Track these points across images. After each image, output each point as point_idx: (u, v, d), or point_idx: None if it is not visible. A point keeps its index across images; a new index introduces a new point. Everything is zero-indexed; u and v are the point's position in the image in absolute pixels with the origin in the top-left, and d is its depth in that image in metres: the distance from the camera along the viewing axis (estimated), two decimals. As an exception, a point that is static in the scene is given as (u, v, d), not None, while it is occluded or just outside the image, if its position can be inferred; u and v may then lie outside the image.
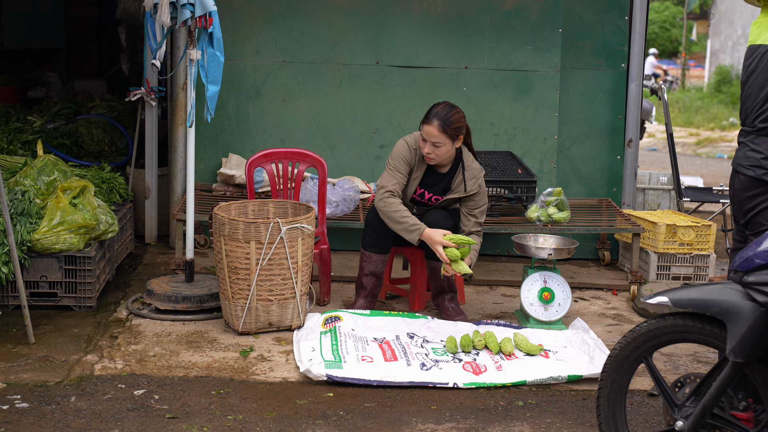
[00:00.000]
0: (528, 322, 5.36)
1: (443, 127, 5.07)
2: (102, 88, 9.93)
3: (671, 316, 3.34)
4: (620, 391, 3.49)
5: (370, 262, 5.39)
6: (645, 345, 3.40)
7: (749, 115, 3.97)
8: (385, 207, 5.16)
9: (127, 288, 5.85)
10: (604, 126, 6.97)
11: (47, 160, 5.71)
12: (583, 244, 6.78)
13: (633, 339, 3.41)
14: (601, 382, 3.52)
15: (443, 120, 5.08)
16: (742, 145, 4.02)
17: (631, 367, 3.45)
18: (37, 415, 4.01)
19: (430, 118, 5.11)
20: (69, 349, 4.80)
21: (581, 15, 6.87)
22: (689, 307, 3.23)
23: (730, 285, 3.20)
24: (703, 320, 3.29)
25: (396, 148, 5.26)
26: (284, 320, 5.09)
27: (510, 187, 6.18)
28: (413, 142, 5.26)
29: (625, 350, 3.43)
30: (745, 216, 3.99)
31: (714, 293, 3.20)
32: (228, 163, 6.63)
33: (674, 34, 34.50)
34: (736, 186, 4.02)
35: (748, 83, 3.97)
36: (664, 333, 3.36)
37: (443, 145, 5.11)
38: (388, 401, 4.33)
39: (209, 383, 4.44)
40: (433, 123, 5.09)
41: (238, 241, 4.90)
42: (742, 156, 3.99)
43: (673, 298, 3.26)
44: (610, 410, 3.50)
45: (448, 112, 5.11)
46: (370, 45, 6.77)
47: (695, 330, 3.30)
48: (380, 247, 5.36)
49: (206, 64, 5.23)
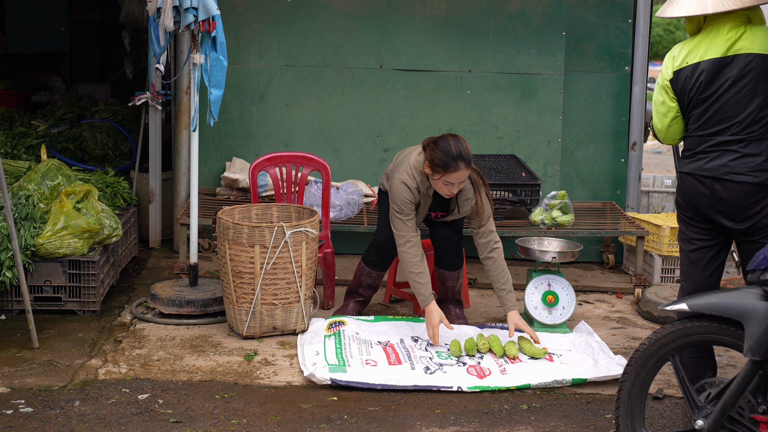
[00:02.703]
0: (532, 326, 5.35)
1: (468, 165, 4.83)
2: (106, 93, 9.94)
3: (697, 318, 3.42)
4: (642, 387, 3.55)
5: (369, 277, 5.40)
6: (674, 343, 3.47)
7: (740, 123, 3.97)
8: (404, 259, 4.98)
9: (131, 292, 5.85)
10: (608, 129, 6.96)
11: (51, 165, 5.72)
12: (587, 247, 6.77)
13: (663, 336, 3.48)
14: (624, 375, 3.57)
15: (467, 160, 4.80)
16: (727, 152, 4.00)
17: (657, 364, 3.52)
18: (41, 420, 4.01)
19: (455, 164, 4.77)
20: (73, 353, 4.80)
21: (585, 18, 6.86)
22: (707, 310, 3.32)
23: (747, 289, 3.31)
24: (728, 324, 3.36)
25: (397, 193, 4.95)
26: (288, 324, 5.08)
27: (514, 191, 6.18)
28: (412, 181, 4.95)
29: (653, 346, 3.50)
30: (746, 222, 3.98)
31: (731, 297, 3.30)
32: (232, 167, 6.64)
33: (678, 37, 34.46)
34: (724, 195, 3.99)
35: (728, 93, 3.98)
36: (694, 333, 3.43)
37: (466, 177, 4.94)
38: (392, 405, 4.33)
39: (213, 387, 4.43)
40: (461, 168, 4.78)
41: (242, 245, 4.90)
42: (735, 163, 3.98)
43: (691, 303, 3.36)
44: (630, 405, 3.55)
45: (464, 147, 4.81)
46: (374, 48, 6.77)
47: (724, 332, 3.37)
48: (382, 267, 5.38)
49: (209, 68, 5.23)
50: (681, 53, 4.09)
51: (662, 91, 4.15)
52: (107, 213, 5.62)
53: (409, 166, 5.00)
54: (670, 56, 4.14)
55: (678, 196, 4.21)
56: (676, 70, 4.07)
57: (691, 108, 4.08)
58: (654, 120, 4.22)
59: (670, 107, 4.13)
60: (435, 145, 4.84)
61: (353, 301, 5.46)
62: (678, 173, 4.21)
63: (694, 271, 4.19)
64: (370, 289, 5.45)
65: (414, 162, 5.00)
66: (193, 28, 5.16)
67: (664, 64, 4.16)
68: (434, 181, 4.90)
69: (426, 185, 5.00)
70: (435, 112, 6.81)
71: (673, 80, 4.08)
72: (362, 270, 5.39)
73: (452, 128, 6.77)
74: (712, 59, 3.99)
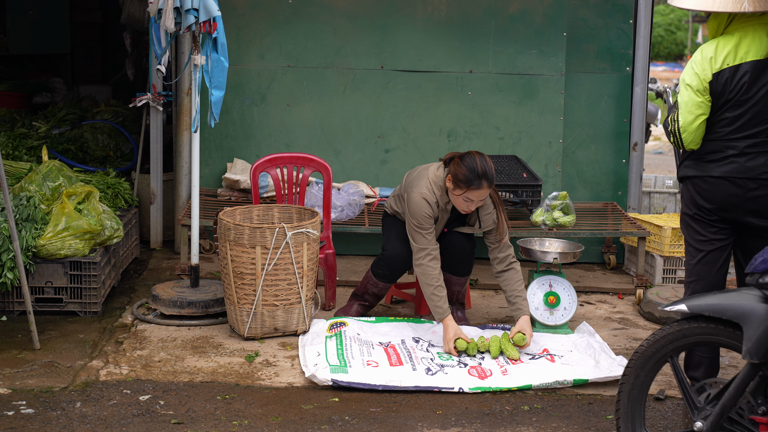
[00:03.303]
0: (534, 327, 5.34)
1: (491, 184, 4.82)
2: (107, 94, 9.94)
3: (695, 319, 3.43)
4: (642, 389, 3.55)
5: (376, 287, 5.40)
6: (673, 344, 3.48)
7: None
8: (424, 272, 4.95)
9: (132, 293, 5.85)
10: (609, 129, 6.96)
11: (52, 166, 5.72)
12: (588, 247, 6.77)
13: (662, 337, 3.48)
14: (624, 377, 3.57)
15: (490, 179, 4.79)
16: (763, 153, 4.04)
17: (656, 365, 3.52)
18: (42, 421, 4.01)
19: (479, 182, 4.76)
20: (74, 354, 4.80)
21: (586, 18, 6.86)
22: (706, 312, 3.33)
23: (746, 290, 3.31)
24: (726, 325, 3.37)
25: (416, 207, 4.92)
26: (290, 325, 5.08)
27: (515, 191, 6.17)
28: (431, 195, 4.93)
29: (652, 347, 3.50)
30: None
31: (730, 299, 3.31)
32: (233, 168, 6.64)
33: (680, 37, 34.45)
34: (758, 193, 4.04)
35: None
36: (693, 334, 3.43)
37: (486, 198, 4.93)
38: (393, 406, 4.33)
39: (214, 388, 4.43)
40: (483, 186, 4.78)
41: (243, 246, 4.90)
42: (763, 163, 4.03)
43: (690, 305, 3.37)
44: (630, 406, 3.56)
45: (488, 165, 4.81)
46: (375, 49, 6.77)
47: (723, 334, 3.37)
48: (389, 280, 5.36)
49: (210, 69, 5.24)
50: (719, 54, 4.03)
51: (696, 92, 4.08)
52: (108, 214, 5.62)
53: (428, 181, 4.98)
54: (705, 57, 4.07)
55: (699, 199, 4.18)
56: (715, 72, 4.03)
57: (726, 110, 4.06)
58: (682, 123, 4.12)
59: (706, 109, 4.09)
60: (461, 160, 4.83)
61: (357, 303, 5.46)
62: (701, 178, 4.17)
63: (710, 272, 4.22)
64: (376, 297, 5.46)
65: (433, 177, 4.99)
66: (194, 29, 5.16)
67: (699, 64, 4.08)
68: (454, 197, 4.89)
69: (445, 200, 4.99)
70: (436, 113, 6.81)
71: (712, 82, 4.04)
72: (370, 279, 5.39)
73: (453, 129, 6.78)
74: (755, 61, 3.97)
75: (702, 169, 4.17)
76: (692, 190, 4.21)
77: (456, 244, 5.23)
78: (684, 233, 4.35)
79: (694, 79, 4.08)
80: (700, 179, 4.17)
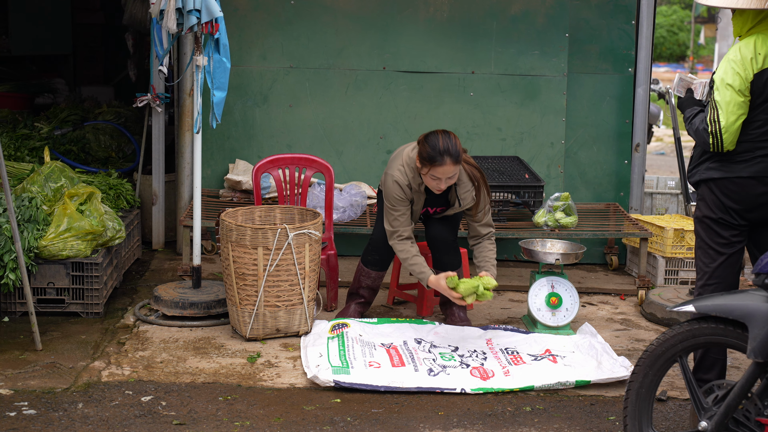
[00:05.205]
0: (536, 327, 5.35)
1: (456, 161, 4.87)
2: (109, 95, 9.94)
3: (704, 320, 3.45)
4: (650, 388, 3.57)
5: (368, 277, 5.40)
6: (682, 344, 3.49)
7: None
8: (397, 250, 5.12)
9: (134, 294, 5.85)
10: (611, 130, 6.95)
11: (54, 167, 5.72)
12: (590, 248, 6.76)
13: (671, 337, 3.50)
14: (632, 376, 3.59)
15: (454, 155, 4.84)
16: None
17: (665, 364, 3.54)
18: (44, 422, 4.01)
19: (441, 158, 4.82)
20: (76, 355, 4.80)
21: (588, 19, 6.86)
22: (713, 312, 3.35)
23: (753, 291, 3.34)
24: (733, 326, 3.38)
25: (388, 189, 5.03)
26: (292, 326, 5.08)
27: (517, 192, 6.17)
28: (403, 177, 5.01)
29: (661, 347, 3.52)
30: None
31: (737, 299, 3.33)
32: (235, 168, 6.64)
33: (682, 38, 34.44)
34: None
35: None
36: (702, 334, 3.45)
37: (456, 174, 4.95)
38: (395, 407, 4.32)
39: (216, 389, 4.43)
40: (447, 163, 4.83)
41: (245, 247, 4.90)
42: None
43: (698, 305, 3.39)
44: (637, 405, 3.58)
45: (451, 142, 4.87)
46: (377, 50, 6.77)
47: (730, 334, 3.39)
48: (381, 266, 5.39)
49: (212, 70, 5.24)
50: (759, 55, 4.02)
51: (738, 92, 4.04)
52: (110, 215, 5.63)
53: (401, 162, 5.08)
54: (744, 57, 4.04)
55: (727, 200, 4.15)
56: (758, 72, 4.02)
57: (761, 111, 4.06)
58: (724, 123, 4.06)
59: (746, 109, 4.07)
60: (425, 139, 4.93)
61: (354, 303, 5.46)
62: (728, 179, 4.14)
63: (731, 274, 4.23)
64: (371, 290, 5.44)
65: (406, 158, 5.08)
66: (196, 30, 5.16)
67: (740, 64, 4.05)
68: (424, 176, 4.97)
69: (418, 181, 5.05)
70: (438, 114, 6.80)
71: (753, 81, 4.02)
72: (361, 270, 5.40)
73: (455, 130, 6.75)
74: None
75: (729, 170, 4.13)
76: (718, 192, 4.16)
77: (437, 239, 5.26)
78: (702, 236, 4.26)
79: (736, 79, 4.04)
80: (728, 180, 4.13)
